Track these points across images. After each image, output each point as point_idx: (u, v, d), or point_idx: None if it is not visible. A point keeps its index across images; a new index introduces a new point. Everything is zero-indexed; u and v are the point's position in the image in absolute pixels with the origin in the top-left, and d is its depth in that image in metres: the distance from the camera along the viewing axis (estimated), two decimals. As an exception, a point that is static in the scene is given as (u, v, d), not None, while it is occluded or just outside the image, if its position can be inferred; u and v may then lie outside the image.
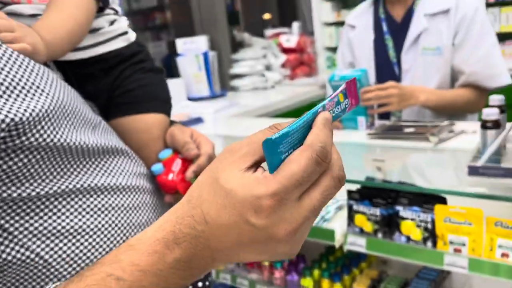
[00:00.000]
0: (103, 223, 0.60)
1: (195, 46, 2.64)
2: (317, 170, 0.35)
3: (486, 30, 1.52)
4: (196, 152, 0.78)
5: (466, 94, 1.51)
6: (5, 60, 0.52)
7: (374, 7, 1.69)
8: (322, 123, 0.36)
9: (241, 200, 0.35)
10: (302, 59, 3.24)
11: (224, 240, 0.36)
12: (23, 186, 0.52)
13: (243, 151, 0.36)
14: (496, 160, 0.95)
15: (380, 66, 1.67)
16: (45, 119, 0.52)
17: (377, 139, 1.35)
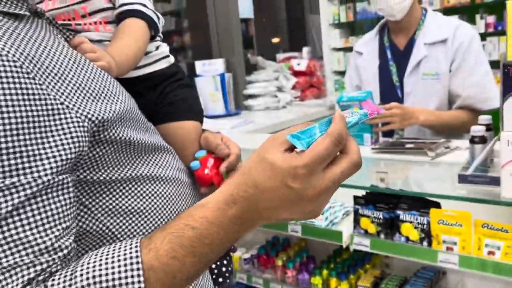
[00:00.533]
0: (155, 206, 0.75)
1: (213, 67, 2.84)
2: (336, 150, 0.51)
3: (480, 58, 1.69)
4: (227, 151, 0.94)
5: (462, 115, 1.67)
6: (94, 74, 0.69)
7: (379, 36, 1.87)
8: (338, 118, 0.52)
9: (282, 170, 0.50)
10: (312, 81, 3.43)
11: (268, 201, 0.52)
12: (100, 171, 0.67)
13: (282, 139, 0.53)
14: (482, 170, 1.10)
15: (384, 89, 1.83)
16: (119, 120, 0.68)
17: (380, 153, 1.51)
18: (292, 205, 0.52)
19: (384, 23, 1.86)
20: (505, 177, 0.98)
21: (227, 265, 0.97)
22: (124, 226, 0.68)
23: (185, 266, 0.52)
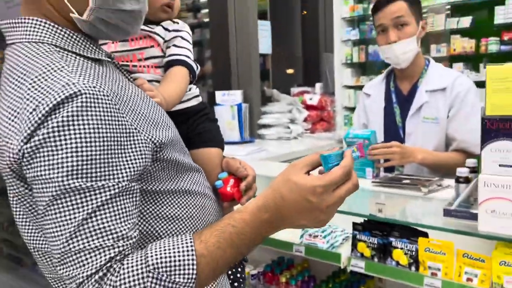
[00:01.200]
0: (189, 214, 0.92)
1: (231, 98, 3.06)
2: (344, 179, 0.72)
3: (475, 108, 1.86)
4: (245, 173, 1.14)
5: (456, 157, 1.84)
6: (153, 107, 0.88)
7: (386, 80, 2.07)
8: (348, 155, 0.74)
9: (304, 187, 0.70)
10: (322, 115, 3.63)
11: (291, 211, 0.72)
12: (152, 183, 0.81)
13: (301, 165, 0.74)
14: (465, 206, 1.27)
15: (388, 129, 2.01)
16: (170, 144, 0.87)
17: (379, 187, 1.68)
18: (308, 215, 0.73)
19: (391, 70, 2.06)
20: (482, 213, 1.14)
21: (241, 272, 1.15)
22: (167, 229, 0.85)
23: (225, 254, 0.71)
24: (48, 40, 0.75)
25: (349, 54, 4.04)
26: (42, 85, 0.67)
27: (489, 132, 1.12)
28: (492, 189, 1.13)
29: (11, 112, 0.69)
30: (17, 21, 0.76)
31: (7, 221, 3.30)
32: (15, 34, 0.76)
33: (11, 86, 0.71)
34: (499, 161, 1.11)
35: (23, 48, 0.74)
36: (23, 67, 0.71)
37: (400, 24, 1.80)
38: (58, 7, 0.77)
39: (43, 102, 0.65)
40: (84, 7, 0.76)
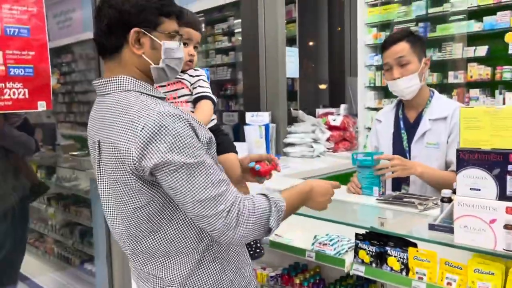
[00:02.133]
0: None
1: (259, 118, 3.38)
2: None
3: None
4: (268, 155, 1.61)
5: (452, 176, 2.05)
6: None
7: (396, 109, 2.32)
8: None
9: (322, 184, 1.38)
10: (345, 136, 3.88)
11: (315, 195, 1.36)
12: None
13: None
14: (447, 222, 1.51)
15: (396, 152, 2.25)
16: (209, 143, 1.20)
17: (383, 204, 1.93)
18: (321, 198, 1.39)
19: (400, 99, 2.31)
20: (456, 228, 1.39)
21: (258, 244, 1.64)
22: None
23: (292, 206, 1.28)
24: (134, 88, 1.16)
25: (372, 78, 4.28)
26: (144, 113, 1.06)
27: (462, 162, 1.37)
28: (465, 208, 1.37)
29: (120, 132, 1.07)
30: (110, 79, 1.17)
31: (59, 223, 3.71)
32: (111, 87, 1.17)
33: (118, 116, 1.09)
34: (470, 185, 1.36)
35: (120, 94, 1.14)
36: (125, 103, 1.11)
37: (402, 63, 2.07)
38: (141, 66, 1.19)
39: (149, 123, 1.04)
40: (158, 60, 1.20)
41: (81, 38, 6.70)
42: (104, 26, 1.15)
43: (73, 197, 3.61)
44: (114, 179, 1.13)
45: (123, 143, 1.06)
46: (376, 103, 4.23)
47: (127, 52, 1.17)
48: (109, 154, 1.12)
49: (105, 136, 1.13)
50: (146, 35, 1.16)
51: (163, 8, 1.18)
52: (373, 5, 4.24)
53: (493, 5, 3.48)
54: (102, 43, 1.19)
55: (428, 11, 3.88)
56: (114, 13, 1.14)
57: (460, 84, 3.71)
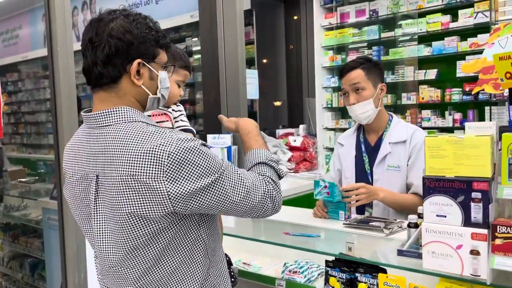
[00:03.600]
0: None
1: (221, 141, 3.35)
2: None
3: None
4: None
5: (413, 199, 2.12)
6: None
7: (357, 133, 2.38)
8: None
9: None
10: (305, 156, 3.93)
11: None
12: None
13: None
14: (414, 247, 1.55)
15: (359, 175, 2.30)
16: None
17: (350, 228, 1.96)
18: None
19: (359, 123, 2.38)
20: (425, 254, 1.42)
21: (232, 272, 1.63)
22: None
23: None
24: (138, 119, 1.14)
25: (329, 99, 4.38)
26: (164, 141, 1.06)
27: (429, 189, 1.41)
28: (432, 234, 1.40)
29: (141, 163, 1.05)
30: (112, 110, 1.14)
31: (7, 256, 3.47)
32: (112, 118, 1.14)
33: (131, 147, 1.07)
34: (436, 212, 1.40)
35: (126, 125, 1.12)
36: (136, 134, 1.09)
37: (357, 89, 2.14)
38: (139, 96, 1.19)
39: (173, 150, 1.05)
40: (155, 90, 1.22)
41: (29, 57, 6.43)
42: (104, 56, 1.12)
43: (22, 227, 3.40)
44: (125, 214, 1.09)
45: (149, 174, 1.04)
46: (333, 124, 4.33)
47: (126, 83, 1.16)
48: (121, 188, 1.08)
49: (113, 170, 1.09)
50: (145, 66, 1.17)
51: (159, 40, 1.20)
52: (329, 28, 4.38)
53: (441, 30, 3.69)
54: (97, 73, 1.14)
55: (380, 35, 4.05)
56: (116, 44, 1.11)
57: (413, 105, 3.88)
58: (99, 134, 1.14)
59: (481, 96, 3.54)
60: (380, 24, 4.06)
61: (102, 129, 1.14)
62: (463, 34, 3.62)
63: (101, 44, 1.11)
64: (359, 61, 2.19)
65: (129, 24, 1.13)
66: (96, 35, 1.12)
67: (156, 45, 1.19)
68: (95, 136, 1.15)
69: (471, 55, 3.54)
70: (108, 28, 1.12)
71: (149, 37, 1.16)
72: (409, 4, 3.82)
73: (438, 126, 3.59)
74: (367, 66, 2.17)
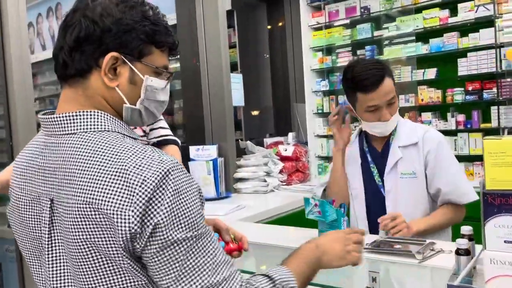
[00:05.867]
0: None
1: (206, 153, 2.99)
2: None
3: (450, 159, 1.87)
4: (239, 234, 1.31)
5: (447, 212, 1.81)
6: None
7: (359, 139, 2.06)
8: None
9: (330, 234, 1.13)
10: (298, 166, 3.61)
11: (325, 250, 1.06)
12: None
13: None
14: (468, 281, 1.22)
15: (368, 186, 1.98)
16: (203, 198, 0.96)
17: (371, 253, 1.62)
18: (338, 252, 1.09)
19: (361, 129, 2.05)
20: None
21: None
22: None
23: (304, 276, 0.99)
24: (112, 128, 0.88)
25: (320, 104, 4.09)
26: (140, 162, 0.80)
27: (492, 208, 1.09)
28: (499, 266, 1.09)
29: (106, 189, 0.79)
30: (77, 114, 0.87)
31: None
32: (78, 125, 0.87)
33: (98, 165, 0.81)
34: (504, 237, 1.09)
35: (95, 135, 0.85)
36: (106, 149, 0.82)
37: (391, 102, 1.82)
38: (112, 101, 0.91)
39: (149, 176, 0.78)
40: (135, 98, 0.93)
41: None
42: (72, 40, 0.87)
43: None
44: (84, 249, 0.83)
45: (113, 204, 0.78)
46: (325, 130, 4.03)
47: (95, 79, 0.90)
48: (78, 218, 0.82)
49: (69, 194, 0.84)
50: (126, 64, 0.90)
51: (155, 35, 0.92)
52: (317, 28, 4.09)
53: (439, 26, 3.45)
54: (61, 61, 0.89)
55: (373, 34, 3.79)
56: (88, 26, 0.87)
57: (412, 107, 3.62)
58: (58, 145, 0.88)
59: (486, 95, 3.30)
60: (372, 21, 3.79)
61: (62, 138, 0.88)
62: (463, 30, 3.38)
63: (72, 25, 0.88)
64: (381, 67, 1.81)
65: (114, 6, 0.89)
66: (73, 12, 0.90)
67: (146, 40, 0.91)
68: (51, 146, 0.89)
69: (473, 51, 3.30)
70: (88, 7, 0.89)
71: (138, 28, 0.89)
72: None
73: (440, 130, 3.32)
74: (389, 72, 1.84)
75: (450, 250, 1.55)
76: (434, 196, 1.88)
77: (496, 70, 3.23)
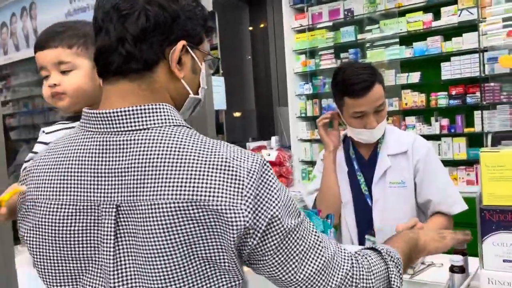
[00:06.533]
0: None
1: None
2: None
3: (439, 168, 1.82)
4: None
5: (443, 221, 1.75)
6: None
7: (344, 145, 1.99)
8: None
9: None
10: (281, 171, 3.53)
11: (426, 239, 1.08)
12: None
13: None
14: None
15: (355, 197, 1.91)
16: None
17: (361, 268, 1.55)
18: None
19: (345, 135, 1.98)
20: (487, 313, 1.04)
21: None
22: None
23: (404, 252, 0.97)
24: (182, 123, 0.80)
25: (303, 108, 4.02)
26: (233, 155, 0.74)
27: (490, 224, 1.04)
28: (498, 286, 1.03)
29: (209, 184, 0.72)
30: (148, 107, 0.78)
31: None
32: (149, 119, 0.78)
33: (185, 158, 0.74)
34: (502, 256, 1.03)
35: (175, 130, 0.78)
36: (195, 143, 0.75)
37: (379, 110, 1.74)
38: (175, 93, 0.85)
39: (252, 169, 0.73)
40: (196, 89, 0.88)
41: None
42: (138, 30, 0.78)
43: None
44: (173, 254, 0.73)
45: (223, 198, 0.72)
46: (308, 134, 3.97)
47: (162, 72, 0.82)
48: (170, 219, 0.73)
49: (153, 195, 0.74)
50: (188, 52, 0.84)
51: (207, 20, 0.87)
52: (300, 31, 4.03)
53: (422, 30, 3.42)
54: (124, 53, 0.79)
55: (357, 37, 3.74)
56: (157, 14, 0.78)
57: (396, 111, 3.59)
58: (126, 142, 0.77)
59: (469, 99, 3.29)
60: (356, 24, 3.75)
61: (131, 135, 0.78)
62: (447, 34, 3.37)
63: (134, 13, 0.78)
64: (371, 73, 1.72)
65: None
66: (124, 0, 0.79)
67: (203, 26, 0.87)
68: (116, 145, 0.78)
69: (456, 55, 3.28)
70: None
71: (198, 13, 0.85)
72: (387, 2, 3.54)
73: (424, 134, 3.30)
74: (380, 78, 1.75)
75: (441, 264, 1.49)
76: (422, 205, 1.82)
77: (479, 74, 3.22)
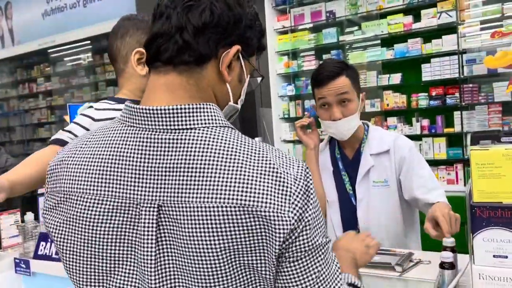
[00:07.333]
0: None
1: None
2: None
3: (421, 163, 1.84)
4: None
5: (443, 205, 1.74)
6: None
7: (330, 146, 2.00)
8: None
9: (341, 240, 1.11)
10: (265, 173, 3.52)
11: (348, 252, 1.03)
12: None
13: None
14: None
15: (341, 196, 1.93)
16: None
17: (350, 267, 1.55)
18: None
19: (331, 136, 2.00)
20: (478, 308, 1.05)
21: None
22: None
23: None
24: (227, 124, 0.79)
25: (286, 109, 4.04)
26: (280, 161, 0.74)
27: (481, 221, 1.05)
28: (488, 281, 1.05)
29: (257, 186, 0.71)
30: (196, 106, 0.77)
31: None
32: (197, 119, 0.77)
33: (234, 161, 0.73)
34: (493, 251, 1.05)
35: (222, 131, 0.77)
36: (243, 147, 0.75)
37: (343, 101, 1.77)
38: (220, 95, 0.83)
39: (299, 177, 0.73)
40: (236, 98, 0.87)
41: None
42: (201, 22, 0.77)
43: None
44: (215, 258, 0.72)
45: (272, 205, 0.71)
46: (292, 136, 3.98)
47: (211, 70, 0.81)
48: (216, 222, 0.71)
49: (199, 196, 0.72)
50: (238, 60, 0.83)
51: (262, 37, 0.88)
52: (282, 32, 4.04)
53: (403, 32, 3.48)
54: (181, 42, 0.77)
55: (339, 38, 3.78)
56: (222, 11, 0.79)
57: (377, 112, 3.63)
58: (172, 141, 0.75)
59: (449, 100, 3.36)
60: (338, 26, 3.79)
61: (179, 133, 0.76)
62: (427, 36, 3.43)
63: (200, 6, 0.78)
64: (340, 66, 1.80)
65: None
66: None
67: (258, 40, 0.87)
68: (161, 143, 0.76)
69: (436, 57, 3.35)
70: None
71: (257, 26, 0.85)
72: (368, 5, 3.59)
73: (405, 134, 3.34)
74: (351, 73, 1.81)
75: (429, 261, 1.51)
76: (410, 201, 1.84)
77: (458, 75, 3.29)
